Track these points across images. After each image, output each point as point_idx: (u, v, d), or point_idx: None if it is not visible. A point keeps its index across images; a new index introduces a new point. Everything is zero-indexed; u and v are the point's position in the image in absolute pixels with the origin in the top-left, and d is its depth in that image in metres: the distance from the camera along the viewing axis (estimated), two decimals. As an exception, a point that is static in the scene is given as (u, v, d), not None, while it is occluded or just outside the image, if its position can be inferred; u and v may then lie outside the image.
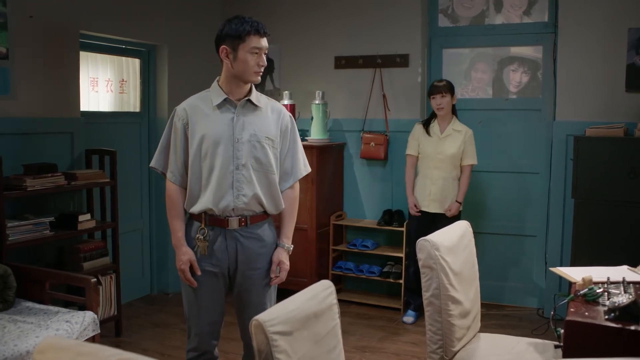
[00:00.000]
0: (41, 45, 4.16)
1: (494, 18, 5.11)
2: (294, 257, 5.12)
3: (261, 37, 2.70)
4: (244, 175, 2.69)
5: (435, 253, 2.62)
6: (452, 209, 4.63)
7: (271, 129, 2.76)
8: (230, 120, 2.70)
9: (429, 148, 4.67)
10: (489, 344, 2.87)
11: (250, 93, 2.75)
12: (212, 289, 2.79)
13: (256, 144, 2.70)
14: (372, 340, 4.46)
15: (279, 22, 5.70)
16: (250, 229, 2.75)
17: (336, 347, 2.17)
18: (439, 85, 4.61)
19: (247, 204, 2.71)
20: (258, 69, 2.70)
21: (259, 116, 2.75)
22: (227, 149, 2.68)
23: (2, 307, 3.32)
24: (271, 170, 2.75)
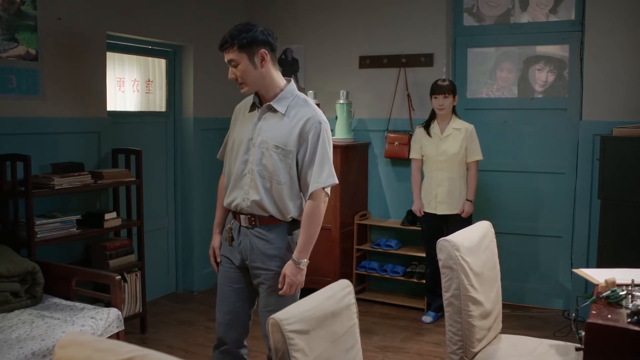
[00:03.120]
0: (69, 47, 4.23)
1: (519, 17, 5.06)
2: (317, 257, 5.16)
3: (223, 53, 2.70)
4: (253, 180, 2.72)
5: (455, 253, 2.61)
6: (465, 208, 4.60)
7: (285, 137, 2.67)
8: (254, 125, 2.74)
9: (431, 149, 4.65)
10: (509, 345, 2.85)
11: (276, 97, 2.71)
12: (228, 278, 2.88)
13: (264, 151, 2.69)
14: (395, 340, 4.46)
15: (303, 22, 5.73)
16: (259, 228, 2.76)
17: (354, 346, 2.18)
18: (443, 86, 4.58)
19: (251, 208, 2.73)
20: (236, 81, 2.72)
21: (278, 123, 2.70)
22: (244, 152, 2.74)
23: (31, 303, 3.39)
24: (277, 179, 2.69)
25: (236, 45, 2.64)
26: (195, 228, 5.51)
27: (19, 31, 3.88)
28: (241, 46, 2.64)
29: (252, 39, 2.64)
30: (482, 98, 5.20)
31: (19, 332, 3.02)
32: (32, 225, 3.68)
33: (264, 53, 2.66)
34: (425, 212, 4.73)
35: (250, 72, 2.67)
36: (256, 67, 2.67)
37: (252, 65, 2.66)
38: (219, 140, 5.63)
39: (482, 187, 5.05)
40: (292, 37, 5.81)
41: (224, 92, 5.73)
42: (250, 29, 2.66)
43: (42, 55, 4.04)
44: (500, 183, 5.13)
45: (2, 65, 3.80)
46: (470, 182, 4.62)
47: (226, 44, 2.67)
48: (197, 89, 5.41)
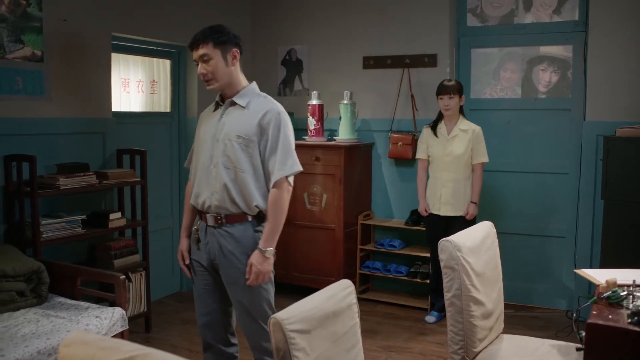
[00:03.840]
0: (74, 48, 4.26)
1: (523, 17, 5.06)
2: (321, 257, 5.22)
3: (193, 50, 2.78)
4: (217, 173, 2.78)
5: (457, 254, 2.62)
6: (470, 210, 4.59)
7: (246, 128, 2.76)
8: (217, 121, 2.85)
9: (437, 150, 4.65)
10: (511, 345, 2.86)
11: (238, 94, 2.83)
12: (201, 279, 2.93)
13: (227, 142, 2.77)
14: (398, 340, 4.47)
15: (307, 23, 5.75)
16: (226, 227, 2.80)
17: (355, 346, 2.19)
18: (448, 86, 4.58)
19: (220, 201, 2.78)
20: (202, 78, 2.82)
21: (240, 116, 2.80)
22: (209, 148, 2.83)
23: (36, 302, 3.43)
24: (240, 168, 2.76)
25: (211, 42, 2.76)
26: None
27: (25, 33, 3.91)
28: (216, 43, 2.77)
29: (227, 38, 2.80)
30: (486, 98, 5.21)
31: (25, 331, 3.05)
32: (37, 225, 3.71)
33: (235, 52, 2.83)
34: (429, 213, 4.74)
35: (222, 69, 2.79)
36: (227, 64, 2.80)
37: (224, 61, 2.79)
38: (223, 140, 5.71)
39: (485, 187, 5.05)
40: (296, 38, 5.83)
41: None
42: (224, 29, 2.82)
43: (47, 57, 4.06)
44: (503, 183, 5.13)
45: (8, 67, 3.83)
46: (476, 184, 4.62)
47: (199, 41, 2.77)
48: (201, 89, 5.42)
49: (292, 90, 5.90)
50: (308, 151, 5.27)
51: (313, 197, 5.28)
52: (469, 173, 4.63)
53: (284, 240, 5.37)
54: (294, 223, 5.36)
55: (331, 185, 5.19)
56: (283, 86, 5.94)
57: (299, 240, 5.36)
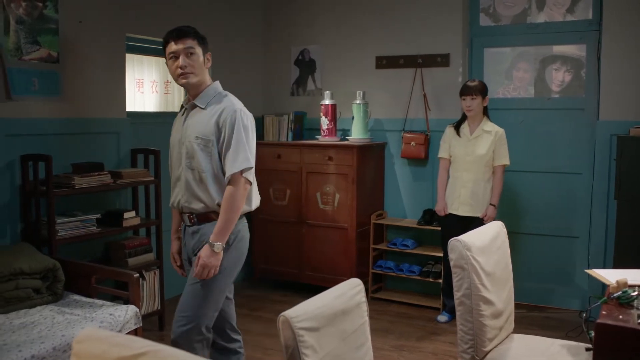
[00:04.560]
0: (89, 49, 4.31)
1: (536, 16, 5.05)
2: (333, 256, 5.24)
3: (174, 41, 2.83)
4: (184, 174, 2.91)
5: (467, 253, 2.63)
6: (488, 213, 4.56)
7: (204, 128, 2.85)
8: (182, 125, 2.96)
9: (459, 150, 4.63)
10: (521, 345, 2.86)
11: (199, 95, 2.91)
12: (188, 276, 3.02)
13: (188, 145, 2.87)
14: (411, 339, 4.48)
15: (320, 23, 5.77)
16: (198, 226, 2.92)
17: (364, 344, 2.21)
18: (471, 86, 4.56)
19: (188, 202, 2.90)
20: (180, 71, 2.84)
21: (199, 117, 2.89)
22: (177, 151, 2.97)
23: (52, 299, 3.48)
24: (201, 168, 2.85)
25: (196, 39, 2.88)
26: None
27: (41, 34, 3.97)
28: (200, 42, 2.89)
29: (206, 42, 2.95)
30: (499, 98, 5.20)
31: (41, 328, 3.10)
32: (53, 223, 3.77)
33: (210, 55, 2.97)
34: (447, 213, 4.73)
35: (201, 66, 2.89)
36: (204, 63, 2.93)
37: (203, 60, 2.91)
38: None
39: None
40: (310, 38, 5.85)
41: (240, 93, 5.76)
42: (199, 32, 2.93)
43: (63, 58, 4.12)
44: (516, 183, 5.12)
45: (24, 68, 3.88)
46: (496, 187, 4.59)
47: (187, 34, 2.85)
48: (215, 89, 5.46)
49: (305, 90, 5.93)
50: (321, 151, 5.29)
51: (326, 196, 5.30)
52: (490, 175, 4.60)
53: (296, 240, 5.44)
54: (307, 222, 5.38)
55: (344, 185, 5.21)
56: (296, 86, 5.97)
57: (311, 240, 5.38)
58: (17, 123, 3.87)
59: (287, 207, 5.51)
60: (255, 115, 5.81)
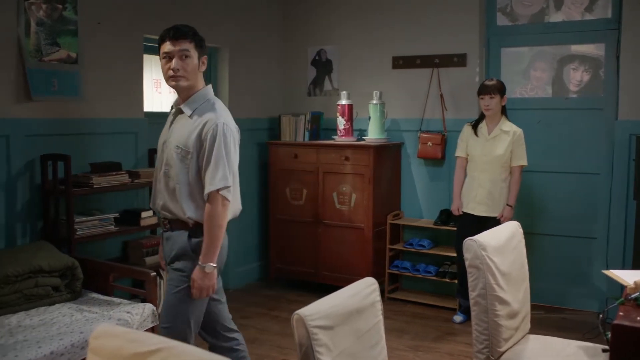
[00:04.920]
0: (108, 50, 4.36)
1: (554, 15, 5.01)
2: (350, 256, 5.24)
3: (170, 42, 2.71)
4: (160, 179, 2.84)
5: (482, 253, 2.62)
6: (505, 213, 4.53)
7: (186, 138, 2.73)
8: (168, 128, 2.88)
9: (476, 149, 4.61)
10: (537, 346, 2.85)
11: (187, 100, 2.78)
12: None
13: (169, 152, 2.78)
14: (427, 339, 4.47)
15: (337, 23, 5.78)
16: (170, 232, 2.85)
17: (378, 343, 2.21)
18: (489, 85, 4.53)
19: (162, 207, 2.84)
20: (171, 73, 2.72)
21: (183, 125, 2.77)
22: (160, 154, 2.87)
23: (70, 297, 3.52)
24: (175, 179, 2.75)
25: (194, 42, 2.75)
26: (230, 227, 5.56)
27: (61, 35, 4.02)
28: (197, 44, 2.76)
29: (204, 44, 2.81)
30: (516, 98, 5.17)
31: (59, 325, 3.15)
32: (72, 222, 3.81)
33: (205, 59, 2.83)
34: (462, 212, 4.71)
35: (194, 70, 2.76)
36: (199, 67, 2.79)
37: (198, 64, 2.78)
38: (254, 140, 5.79)
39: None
40: (326, 38, 5.86)
41: (258, 94, 5.83)
42: (199, 34, 2.81)
43: (82, 58, 4.17)
44: (534, 184, 5.09)
45: (44, 69, 3.93)
46: (513, 187, 4.55)
47: (185, 35, 2.73)
48: (232, 90, 5.50)
49: (322, 91, 5.94)
50: (337, 151, 5.30)
51: (342, 196, 5.31)
52: (507, 175, 4.57)
53: (313, 240, 5.45)
54: (323, 222, 5.40)
55: (360, 185, 5.21)
56: (313, 86, 5.98)
57: (328, 240, 5.39)
58: (37, 123, 3.92)
59: (303, 207, 5.52)
60: (273, 115, 5.93)
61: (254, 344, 4.35)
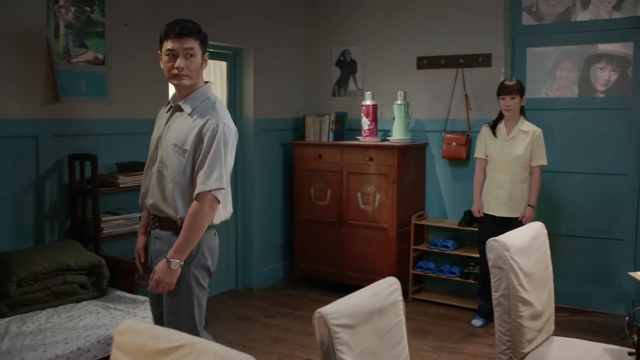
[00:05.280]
0: (134, 51, 4.42)
1: (580, 14, 4.95)
2: (373, 256, 5.24)
3: (176, 39, 2.63)
4: (154, 177, 2.74)
5: (505, 253, 2.61)
6: (527, 214, 4.49)
7: (185, 137, 2.65)
8: (164, 124, 2.77)
9: (495, 150, 4.57)
10: (561, 348, 2.82)
11: (187, 97, 2.71)
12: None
13: (166, 149, 2.69)
14: (450, 340, 4.45)
15: (361, 24, 5.78)
16: (160, 231, 2.76)
17: (400, 342, 2.21)
18: (509, 86, 4.49)
19: (153, 205, 2.74)
20: (175, 72, 2.64)
21: (182, 122, 2.70)
22: (155, 151, 2.78)
23: (97, 295, 3.59)
24: (171, 178, 2.67)
25: (199, 39, 2.69)
26: (254, 227, 5.64)
27: (88, 37, 4.09)
28: (201, 42, 2.71)
29: (207, 41, 2.76)
30: (542, 98, 5.12)
31: (86, 322, 3.21)
32: (98, 221, 3.87)
33: (207, 56, 2.78)
34: (484, 213, 4.69)
35: (197, 68, 2.70)
36: (201, 65, 2.73)
37: (201, 62, 2.73)
38: (278, 140, 5.83)
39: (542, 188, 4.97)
40: (351, 39, 5.87)
41: (283, 94, 5.86)
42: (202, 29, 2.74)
43: (109, 60, 4.23)
44: (560, 184, 5.03)
45: (72, 70, 4.01)
46: (533, 187, 4.52)
47: (191, 32, 2.67)
48: (256, 90, 5.54)
49: (347, 91, 5.95)
50: (362, 151, 5.30)
51: (366, 196, 5.31)
52: (527, 175, 4.54)
53: (337, 240, 5.46)
54: (348, 222, 5.40)
55: (384, 185, 5.21)
56: (337, 87, 5.99)
57: (352, 240, 5.40)
58: (65, 123, 4.00)
59: (327, 207, 5.54)
60: (297, 115, 5.95)
61: (277, 343, 4.38)
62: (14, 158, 3.78)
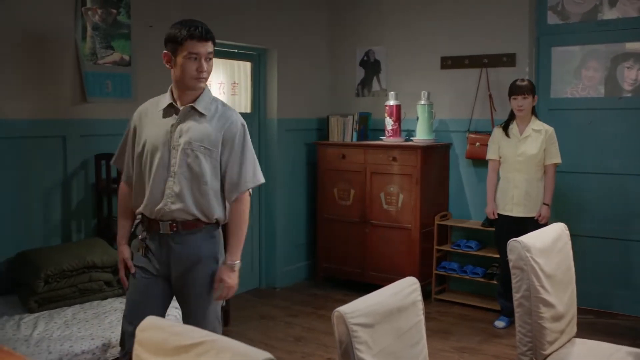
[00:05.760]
0: (159, 52, 4.45)
1: (607, 13, 4.89)
2: (396, 256, 5.24)
3: (199, 42, 2.61)
4: (176, 182, 2.63)
5: (526, 254, 2.60)
6: (543, 212, 4.47)
7: (210, 138, 2.64)
8: (171, 127, 2.66)
9: (509, 150, 4.55)
10: (583, 350, 2.80)
11: (197, 99, 2.67)
12: (145, 285, 2.73)
13: (190, 152, 2.62)
14: (472, 341, 4.44)
15: (385, 24, 5.79)
16: (181, 235, 2.66)
17: (419, 342, 2.22)
18: (522, 86, 4.47)
19: (177, 210, 2.63)
20: (198, 75, 2.62)
21: (200, 124, 2.65)
22: (164, 155, 2.64)
23: (121, 292, 3.64)
24: (204, 180, 2.64)
25: (214, 43, 2.70)
26: (278, 226, 5.68)
27: (115, 39, 4.16)
28: (214, 44, 2.70)
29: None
30: (567, 98, 5.07)
31: (111, 318, 3.27)
32: (125, 220, 3.93)
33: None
34: (499, 215, 4.66)
35: (210, 71, 2.71)
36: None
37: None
38: (302, 140, 5.85)
39: (566, 188, 4.95)
40: (374, 39, 5.87)
41: (307, 94, 5.89)
42: None
43: (134, 61, 4.30)
44: (586, 185, 4.98)
45: (99, 71, 4.08)
46: (548, 186, 4.50)
47: (212, 37, 2.66)
48: (280, 91, 5.57)
49: (370, 91, 5.96)
50: (385, 151, 5.31)
51: (390, 197, 5.31)
52: (541, 174, 4.52)
53: (360, 240, 5.47)
54: (371, 222, 5.41)
55: (408, 186, 5.21)
56: (361, 87, 6.00)
57: (375, 240, 5.41)
58: (92, 124, 4.07)
59: (351, 207, 5.55)
60: (321, 115, 5.98)
61: (300, 342, 4.40)
62: (42, 158, 3.86)
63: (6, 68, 3.69)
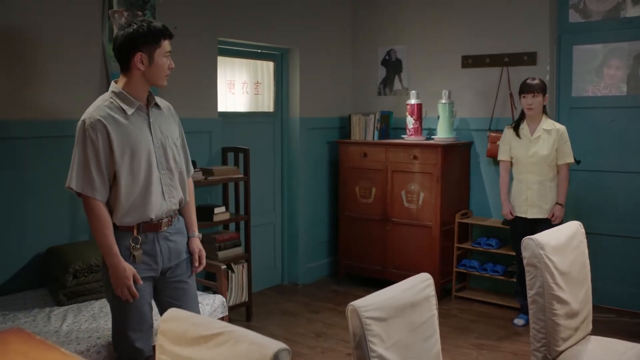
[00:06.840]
0: (184, 53, 4.57)
1: (631, 10, 4.87)
2: (417, 254, 5.29)
3: (170, 40, 2.70)
4: (169, 178, 2.76)
5: (540, 252, 2.64)
6: (556, 212, 4.45)
7: (176, 129, 2.87)
8: (148, 127, 2.69)
9: (520, 151, 4.52)
10: (598, 347, 2.83)
11: (152, 96, 2.74)
12: (149, 294, 2.79)
13: (173, 146, 2.78)
14: (491, 339, 4.47)
15: (406, 23, 5.83)
16: (174, 224, 2.82)
17: (432, 336, 2.28)
18: (532, 84, 4.45)
19: (175, 204, 2.79)
20: (168, 73, 2.73)
21: (165, 119, 2.80)
22: (151, 155, 2.67)
23: (147, 288, 3.75)
24: (180, 168, 2.83)
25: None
26: (300, 223, 5.75)
27: (141, 40, 4.26)
28: None
29: None
30: (588, 96, 5.07)
31: (136, 312, 3.36)
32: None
33: None
34: (515, 216, 4.65)
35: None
36: None
37: None
38: (324, 139, 5.93)
39: (588, 187, 4.95)
40: (396, 38, 5.92)
41: (329, 93, 5.95)
42: None
43: (160, 62, 4.39)
44: (607, 184, 4.98)
45: (125, 72, 4.18)
46: (561, 185, 4.47)
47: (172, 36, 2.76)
48: (303, 90, 5.65)
49: (392, 90, 6.00)
50: (406, 150, 5.35)
51: (410, 195, 5.36)
52: (554, 174, 4.49)
53: (381, 237, 5.53)
54: (392, 220, 5.46)
55: (428, 184, 5.25)
56: (383, 86, 6.05)
57: (395, 237, 5.46)
58: (118, 123, 4.17)
59: (372, 205, 5.61)
60: (343, 114, 6.06)
61: (320, 338, 4.48)
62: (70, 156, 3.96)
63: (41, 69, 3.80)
